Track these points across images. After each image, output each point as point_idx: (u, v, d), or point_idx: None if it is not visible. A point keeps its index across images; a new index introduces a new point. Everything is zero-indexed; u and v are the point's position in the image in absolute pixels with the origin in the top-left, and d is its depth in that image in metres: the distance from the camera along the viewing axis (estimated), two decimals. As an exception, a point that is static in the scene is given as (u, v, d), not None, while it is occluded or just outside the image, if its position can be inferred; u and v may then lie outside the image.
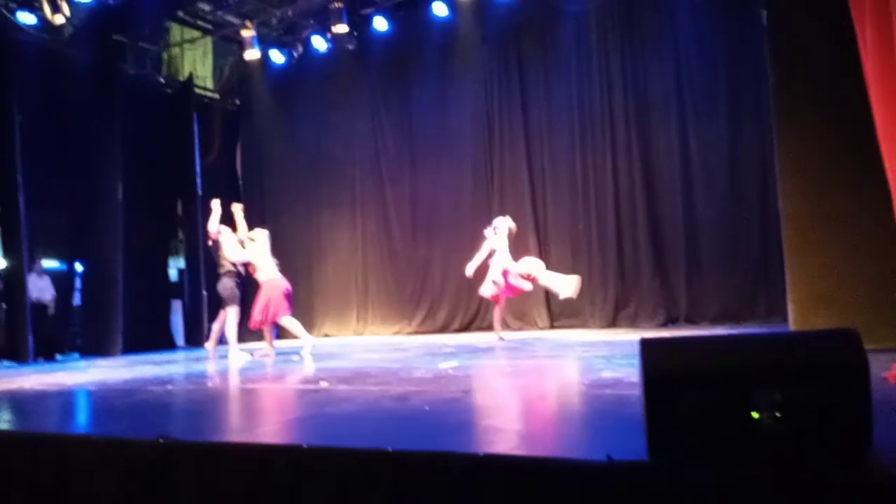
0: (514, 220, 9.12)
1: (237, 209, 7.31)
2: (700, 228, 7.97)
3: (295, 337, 7.00)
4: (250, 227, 7.24)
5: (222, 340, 7.14)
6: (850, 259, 4.45)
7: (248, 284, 7.28)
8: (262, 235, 7.07)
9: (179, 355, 8.17)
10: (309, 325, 10.32)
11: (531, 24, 9.03)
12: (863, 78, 3.80)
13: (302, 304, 10.42)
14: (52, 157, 8.70)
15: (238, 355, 6.59)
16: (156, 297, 9.80)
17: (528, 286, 7.41)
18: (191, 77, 10.52)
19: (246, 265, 6.98)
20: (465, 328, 9.26)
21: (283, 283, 6.87)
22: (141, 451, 2.55)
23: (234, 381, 5.17)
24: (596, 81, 8.56)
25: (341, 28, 9.10)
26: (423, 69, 9.66)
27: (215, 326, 7.20)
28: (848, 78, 4.05)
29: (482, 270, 7.47)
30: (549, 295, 8.77)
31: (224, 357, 6.77)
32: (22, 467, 2.83)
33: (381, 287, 10.07)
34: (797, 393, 1.82)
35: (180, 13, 9.95)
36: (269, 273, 6.87)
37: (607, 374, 4.02)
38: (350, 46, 9.76)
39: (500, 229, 7.43)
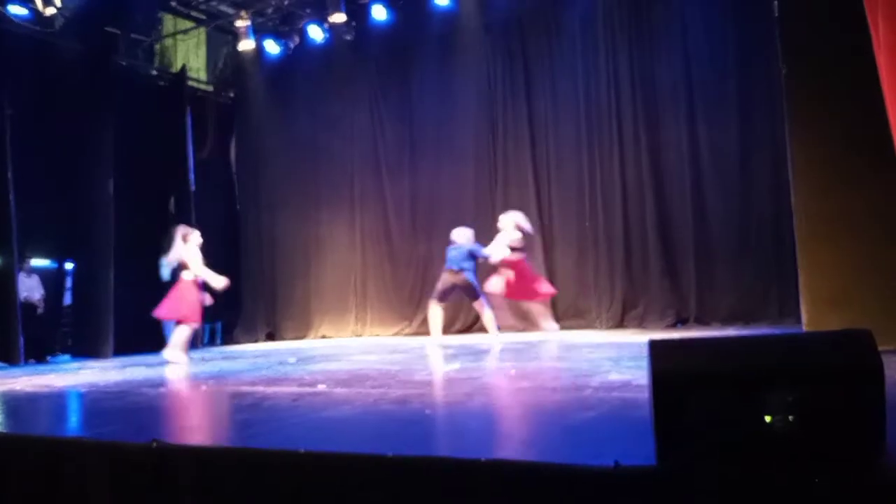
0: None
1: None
2: (710, 226, 7.79)
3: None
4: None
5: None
6: (865, 258, 4.42)
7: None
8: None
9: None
10: (306, 326, 10.26)
11: (535, 14, 8.86)
12: (876, 71, 3.71)
13: (299, 304, 10.34)
14: (43, 152, 8.56)
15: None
16: (148, 296, 9.61)
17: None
18: (184, 69, 10.35)
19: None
20: (467, 329, 9.11)
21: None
22: (134, 455, 2.53)
23: (228, 384, 5.05)
24: (603, 73, 8.36)
25: (339, 17, 8.98)
26: (423, 60, 9.48)
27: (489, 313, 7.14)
28: (861, 72, 4.01)
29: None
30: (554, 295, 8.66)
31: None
32: (13, 470, 2.83)
33: (380, 287, 9.92)
34: (810, 395, 1.80)
35: (173, 3, 9.88)
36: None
37: (615, 377, 3.99)
38: (348, 37, 9.62)
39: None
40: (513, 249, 7.20)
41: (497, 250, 7.18)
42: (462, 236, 7.27)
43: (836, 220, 4.48)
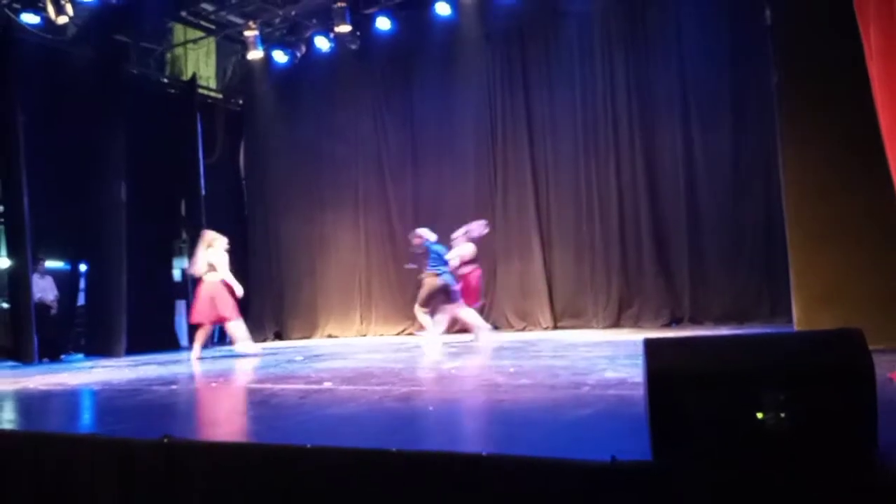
0: (518, 220, 9.19)
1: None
2: (704, 228, 7.96)
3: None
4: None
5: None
6: (855, 259, 4.47)
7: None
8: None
9: (184, 356, 8.18)
10: (312, 326, 10.39)
11: (534, 24, 9.01)
12: (867, 78, 3.81)
13: (305, 304, 10.49)
14: (56, 157, 8.71)
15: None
16: (160, 297, 9.81)
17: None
18: (194, 77, 10.54)
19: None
20: (469, 329, 9.24)
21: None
22: (145, 451, 2.56)
23: (237, 382, 5.18)
24: (599, 81, 8.55)
25: (344, 28, 9.11)
26: (425, 69, 9.65)
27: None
28: (852, 79, 4.08)
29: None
30: (552, 295, 8.79)
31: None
32: (25, 467, 2.85)
33: (384, 287, 10.06)
34: (802, 393, 1.81)
35: (183, 13, 9.94)
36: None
37: (611, 375, 4.02)
38: (353, 46, 9.76)
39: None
40: (465, 263, 7.43)
41: (455, 257, 7.38)
42: (432, 238, 7.34)
43: (827, 222, 4.55)
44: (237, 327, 7.19)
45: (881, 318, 4.14)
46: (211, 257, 7.10)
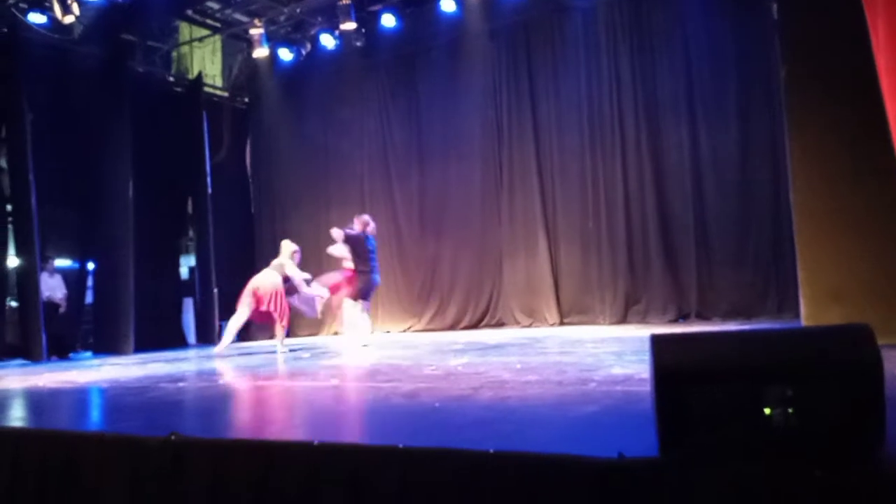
0: (524, 216, 9.18)
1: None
2: (710, 224, 7.95)
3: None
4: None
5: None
6: (863, 254, 4.45)
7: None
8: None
9: (191, 353, 8.23)
10: (318, 323, 10.41)
11: (539, 20, 9.01)
12: (874, 71, 3.78)
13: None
14: (63, 156, 8.78)
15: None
16: (167, 295, 9.86)
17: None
18: (200, 75, 10.58)
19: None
20: (475, 325, 9.27)
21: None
22: (153, 449, 2.56)
23: (244, 379, 5.20)
24: (605, 77, 8.54)
25: (349, 25, 9.12)
26: (431, 66, 9.66)
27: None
28: (859, 71, 4.06)
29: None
30: (558, 292, 8.79)
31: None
32: (33, 464, 2.85)
33: (390, 285, 10.04)
34: (809, 389, 1.80)
35: (189, 12, 9.97)
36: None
37: (618, 371, 4.01)
38: (358, 43, 9.77)
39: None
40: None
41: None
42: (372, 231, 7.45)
43: (835, 217, 4.53)
44: (280, 332, 7.27)
45: (890, 314, 4.13)
46: (287, 265, 7.31)
